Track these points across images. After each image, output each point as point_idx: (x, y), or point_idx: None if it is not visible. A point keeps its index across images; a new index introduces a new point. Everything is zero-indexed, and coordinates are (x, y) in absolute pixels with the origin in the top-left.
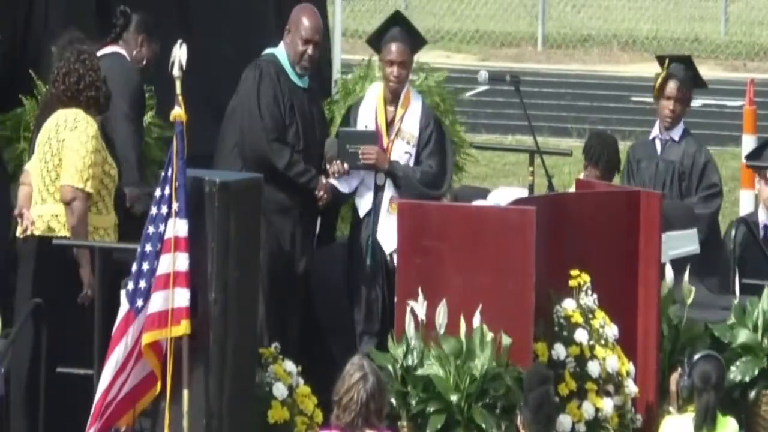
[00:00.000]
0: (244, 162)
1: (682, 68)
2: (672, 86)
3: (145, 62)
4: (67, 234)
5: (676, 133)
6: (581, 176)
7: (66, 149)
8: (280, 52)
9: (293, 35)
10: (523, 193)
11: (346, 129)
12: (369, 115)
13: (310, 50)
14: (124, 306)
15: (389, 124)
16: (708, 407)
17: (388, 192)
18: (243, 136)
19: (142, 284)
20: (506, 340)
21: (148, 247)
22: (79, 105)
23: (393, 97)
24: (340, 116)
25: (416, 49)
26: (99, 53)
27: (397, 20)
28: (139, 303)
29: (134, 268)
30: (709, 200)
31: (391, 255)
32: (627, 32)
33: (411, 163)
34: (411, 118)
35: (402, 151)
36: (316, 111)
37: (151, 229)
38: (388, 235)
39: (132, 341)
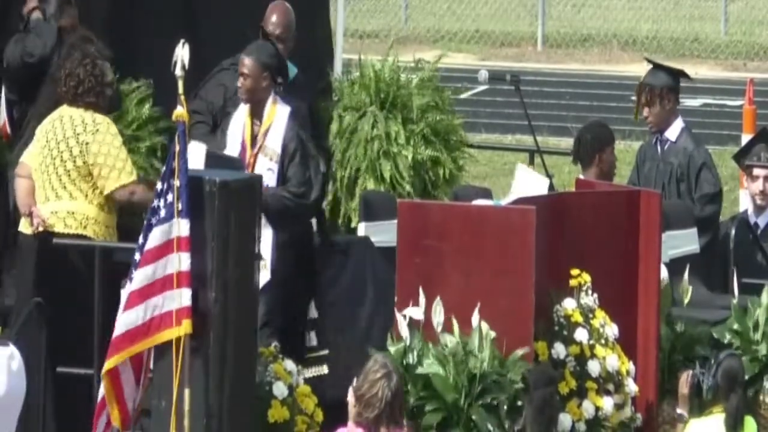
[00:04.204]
0: None
1: (648, 73)
2: (643, 92)
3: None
4: (83, 232)
5: (672, 134)
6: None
7: (94, 155)
8: None
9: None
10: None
11: (214, 152)
12: (238, 127)
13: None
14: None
15: (253, 139)
16: (738, 407)
17: None
18: None
19: None
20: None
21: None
22: (81, 107)
23: (255, 111)
24: (337, 118)
25: (270, 64)
26: None
27: (261, 35)
28: None
29: (137, 256)
30: (705, 205)
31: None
32: (627, 32)
33: (274, 179)
34: (274, 134)
35: (264, 168)
36: (298, 104)
37: (153, 220)
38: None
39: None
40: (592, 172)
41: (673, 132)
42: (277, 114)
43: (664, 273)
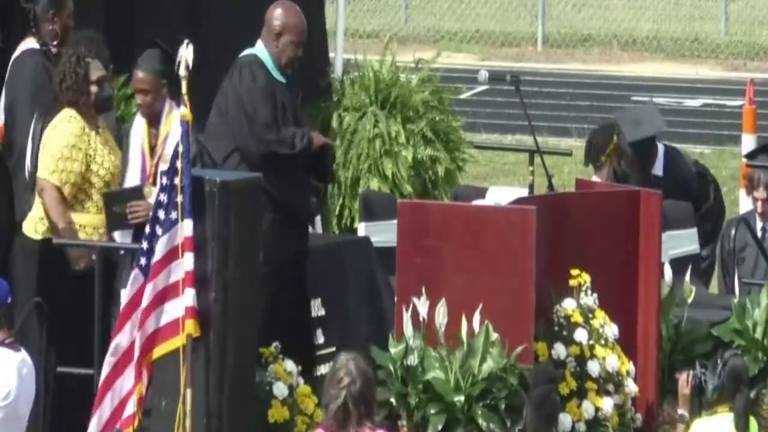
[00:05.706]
0: (247, 162)
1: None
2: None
3: (59, 37)
4: (50, 235)
5: (657, 168)
6: (594, 177)
7: (42, 148)
8: (261, 50)
9: (285, 38)
10: (523, 192)
11: (109, 191)
12: (137, 138)
13: (300, 52)
14: (137, 279)
15: (152, 148)
16: (746, 407)
17: None
18: (244, 138)
19: (147, 259)
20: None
21: (157, 228)
22: (64, 105)
23: (152, 120)
24: (337, 118)
25: (165, 71)
26: (17, 51)
27: (152, 45)
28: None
29: (144, 245)
30: (707, 223)
31: None
32: (627, 32)
33: None
34: (173, 141)
35: None
36: (297, 104)
37: (159, 213)
38: None
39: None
40: (604, 173)
41: (657, 167)
42: (174, 121)
43: (668, 273)
